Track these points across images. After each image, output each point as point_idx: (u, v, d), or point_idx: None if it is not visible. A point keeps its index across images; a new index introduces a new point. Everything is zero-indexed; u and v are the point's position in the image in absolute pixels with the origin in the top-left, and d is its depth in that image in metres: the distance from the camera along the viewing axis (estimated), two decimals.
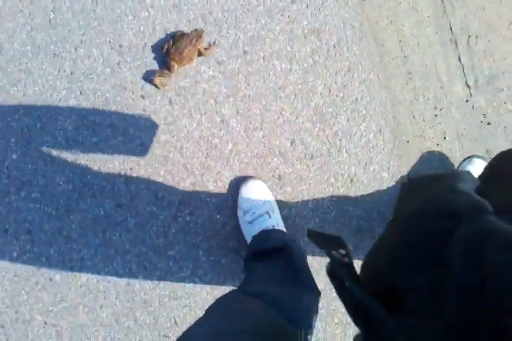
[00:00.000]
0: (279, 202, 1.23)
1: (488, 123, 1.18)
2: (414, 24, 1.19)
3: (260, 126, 1.23)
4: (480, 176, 0.59)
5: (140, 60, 1.23)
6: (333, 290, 0.41)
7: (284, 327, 0.64)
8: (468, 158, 1.16)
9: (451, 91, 1.19)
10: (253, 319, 0.61)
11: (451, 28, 1.18)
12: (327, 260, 0.44)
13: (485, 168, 0.62)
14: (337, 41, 1.20)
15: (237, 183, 1.23)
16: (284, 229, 1.18)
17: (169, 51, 1.20)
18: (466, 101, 1.19)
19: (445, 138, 1.19)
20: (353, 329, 1.00)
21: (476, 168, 1.08)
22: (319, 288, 0.88)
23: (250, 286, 0.90)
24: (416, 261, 0.32)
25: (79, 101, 1.23)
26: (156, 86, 1.22)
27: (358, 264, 0.40)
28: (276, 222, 1.15)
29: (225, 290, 1.27)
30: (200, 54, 1.21)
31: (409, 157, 1.20)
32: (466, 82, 1.18)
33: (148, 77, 1.22)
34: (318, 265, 1.24)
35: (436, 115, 1.19)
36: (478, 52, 1.18)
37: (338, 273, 0.37)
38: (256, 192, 1.18)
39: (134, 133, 1.24)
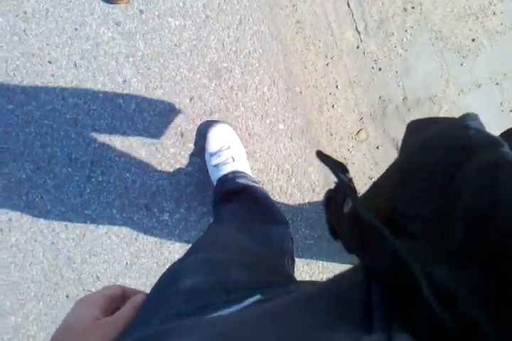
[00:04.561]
0: (182, 157, 1.27)
1: (380, 69, 1.17)
2: None
3: (160, 84, 1.26)
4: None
5: (44, 26, 1.28)
6: None
7: (273, 258, 0.66)
8: None
9: (341, 38, 1.18)
10: (245, 251, 0.60)
11: None
12: None
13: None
14: None
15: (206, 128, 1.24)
16: (250, 173, 1.20)
17: None
18: (357, 47, 1.18)
19: (337, 86, 1.19)
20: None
21: None
22: None
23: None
24: (422, 190, 0.32)
25: None
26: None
27: None
28: (240, 165, 1.17)
29: (139, 246, 1.33)
30: None
31: (304, 108, 1.21)
32: (356, 28, 1.17)
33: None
34: None
35: (327, 64, 1.19)
36: None
37: (343, 194, 0.37)
38: (221, 136, 1.19)
39: (45, 99, 1.30)
